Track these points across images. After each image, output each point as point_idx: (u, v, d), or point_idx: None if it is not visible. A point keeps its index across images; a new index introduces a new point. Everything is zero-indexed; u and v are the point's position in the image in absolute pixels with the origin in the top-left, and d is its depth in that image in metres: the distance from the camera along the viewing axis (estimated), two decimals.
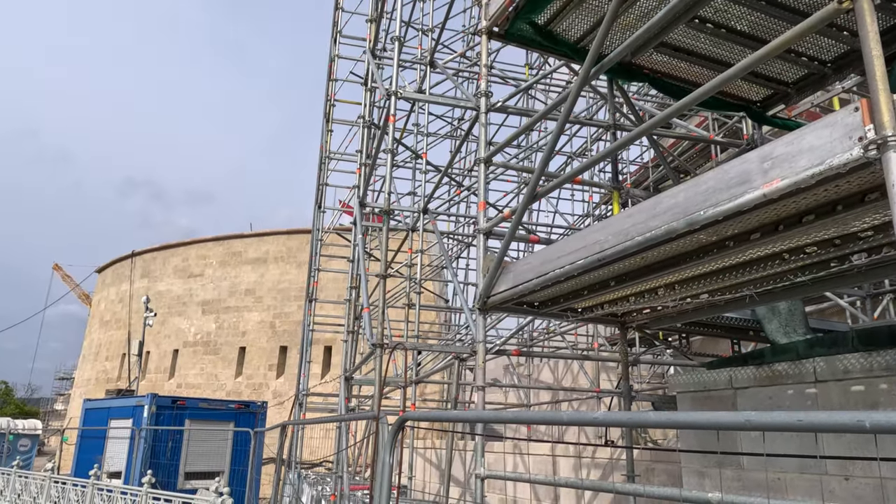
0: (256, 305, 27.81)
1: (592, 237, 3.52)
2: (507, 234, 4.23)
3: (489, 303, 4.54)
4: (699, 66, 5.72)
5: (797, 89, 6.04)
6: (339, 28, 14.85)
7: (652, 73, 5.85)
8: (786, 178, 2.40)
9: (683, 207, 2.91)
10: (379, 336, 5.68)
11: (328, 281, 20.43)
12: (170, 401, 13.91)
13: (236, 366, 27.50)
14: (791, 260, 3.39)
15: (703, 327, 5.42)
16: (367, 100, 10.39)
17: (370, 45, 9.20)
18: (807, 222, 2.83)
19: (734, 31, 5.28)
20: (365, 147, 10.03)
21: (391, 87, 6.40)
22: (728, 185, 2.67)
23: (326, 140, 15.30)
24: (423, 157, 9.79)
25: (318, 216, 15.45)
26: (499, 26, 5.13)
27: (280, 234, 28.74)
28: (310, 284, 15.42)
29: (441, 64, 8.70)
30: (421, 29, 11.75)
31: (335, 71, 14.91)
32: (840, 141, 2.24)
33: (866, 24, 2.18)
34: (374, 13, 9.74)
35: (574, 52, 5.46)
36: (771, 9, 4.95)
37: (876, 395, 3.47)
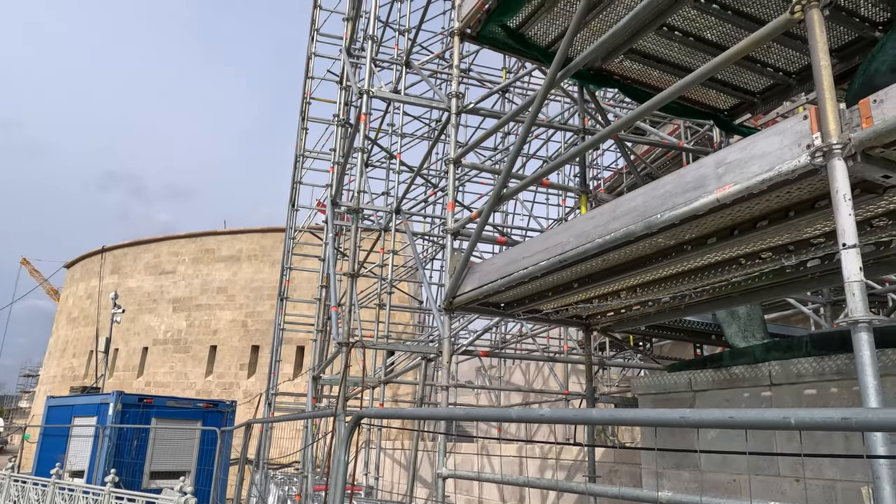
0: (229, 304, 27.50)
1: (555, 239, 3.55)
2: (474, 234, 4.25)
3: (455, 303, 4.56)
4: (670, 75, 5.81)
5: (763, 99, 6.17)
6: (317, 26, 14.78)
7: (623, 79, 5.92)
8: (738, 184, 2.45)
9: (642, 210, 2.95)
10: (345, 335, 5.67)
11: (302, 280, 20.29)
12: (136, 399, 13.69)
13: (207, 364, 27.17)
14: (747, 265, 3.46)
15: (666, 331, 5.50)
16: (342, 98, 10.35)
17: (346, 44, 9.17)
18: (761, 227, 2.89)
19: (704, 40, 5.38)
20: (339, 146, 9.99)
21: (364, 86, 6.40)
22: (684, 189, 2.72)
23: (302, 138, 15.21)
24: (396, 157, 9.78)
25: (292, 215, 15.35)
26: (471, 28, 5.16)
27: (254, 233, 28.47)
28: (282, 283, 15.30)
29: (417, 65, 8.70)
30: (398, 29, 11.75)
31: (312, 69, 14.84)
32: (789, 148, 2.29)
33: (815, 34, 2.24)
34: (351, 12, 9.71)
35: (545, 56, 5.51)
36: (739, 19, 5.05)
37: (827, 398, 3.56)
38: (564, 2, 4.96)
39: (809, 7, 2.25)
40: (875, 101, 2.09)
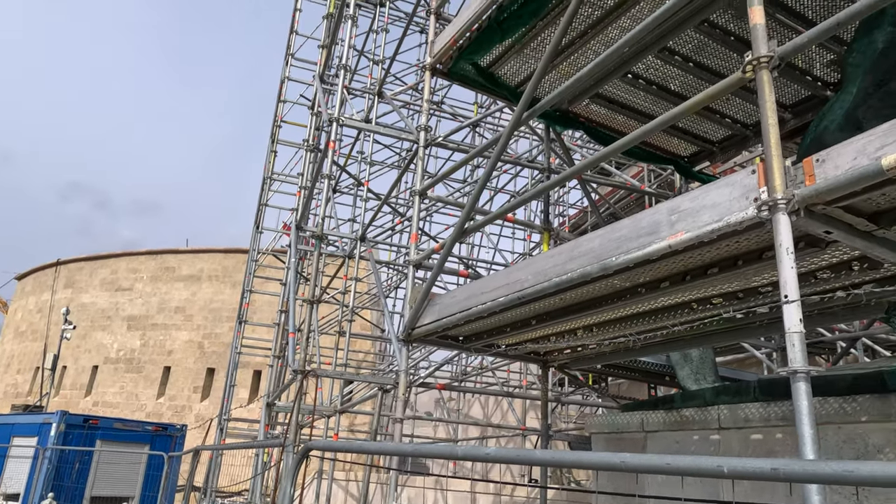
0: (186, 324, 26.86)
1: (515, 275, 3.59)
2: (436, 267, 4.27)
3: (414, 334, 4.54)
4: (634, 120, 5.99)
5: (721, 148, 6.39)
6: (293, 51, 14.85)
7: (588, 121, 6.08)
8: (689, 232, 2.53)
9: (598, 252, 3.01)
10: (301, 363, 5.59)
11: (263, 303, 19.98)
12: (81, 419, 13.18)
13: (159, 386, 26.38)
14: (699, 309, 3.55)
15: (621, 370, 5.57)
16: (313, 124, 10.37)
17: (320, 71, 9.23)
18: (711, 274, 2.97)
19: (667, 89, 5.57)
20: (307, 171, 9.97)
21: (335, 114, 6.43)
22: (639, 234, 2.79)
23: (271, 160, 15.14)
24: (364, 185, 9.81)
25: (256, 236, 15.18)
26: (442, 64, 5.25)
27: (217, 252, 28.02)
28: (242, 306, 15.05)
29: (390, 95, 8.79)
30: (372, 59, 11.88)
31: (285, 92, 14.86)
32: (738, 200, 2.38)
33: (765, 94, 2.35)
34: (326, 40, 9.79)
35: (513, 95, 5.63)
36: (700, 71, 5.25)
37: (772, 443, 3.63)
38: (534, 45, 5.10)
39: (760, 68, 2.36)
40: (818, 161, 2.19)
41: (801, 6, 4.58)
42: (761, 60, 2.37)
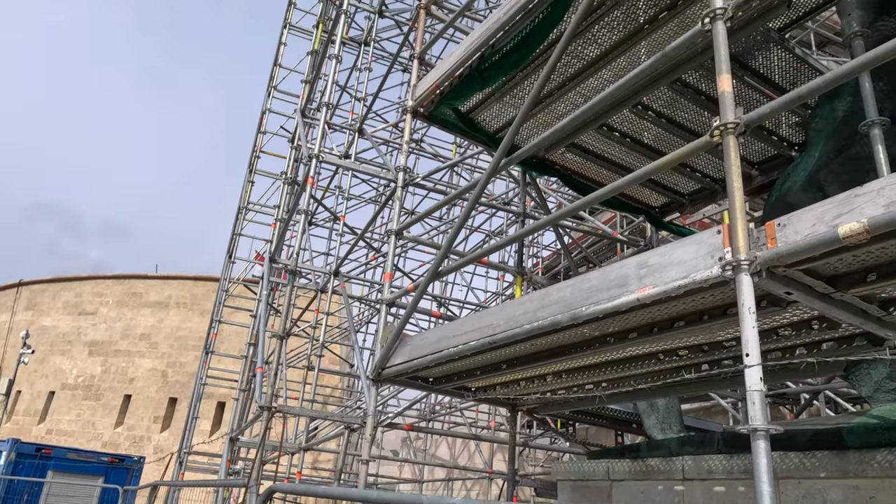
0: (150, 352, 26.24)
1: (486, 320, 3.63)
2: (408, 307, 4.29)
3: (384, 374, 4.53)
4: (608, 170, 6.15)
5: (691, 200, 6.58)
6: (275, 83, 14.97)
7: (564, 169, 6.22)
8: (657, 287, 2.60)
9: (569, 302, 3.07)
10: (268, 399, 5.51)
11: (231, 333, 19.65)
12: (33, 448, 12.71)
13: (118, 415, 25.58)
14: (665, 360, 3.61)
15: (589, 416, 5.59)
16: (292, 157, 10.42)
17: (302, 105, 9.32)
18: (678, 328, 3.04)
19: (640, 142, 5.74)
20: (283, 203, 9.97)
21: (315, 150, 6.49)
22: (608, 286, 2.86)
23: (247, 190, 15.10)
24: (341, 219, 9.83)
25: (228, 265, 15.03)
26: (424, 108, 5.36)
27: (186, 280, 27.58)
28: (209, 335, 14.79)
29: (370, 132, 8.90)
30: (355, 95, 12.04)
31: (265, 123, 14.92)
32: (704, 258, 2.46)
33: (730, 158, 2.45)
34: (309, 75, 9.92)
35: (491, 140, 5.76)
36: (672, 127, 5.43)
37: (734, 496, 3.67)
38: (513, 94, 5.24)
39: (726, 133, 2.48)
40: (779, 225, 2.29)
41: (769, 71, 4.80)
42: (728, 126, 2.48)
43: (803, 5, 4.68)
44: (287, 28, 14.91)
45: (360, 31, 12.82)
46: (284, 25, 15.09)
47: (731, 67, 4.67)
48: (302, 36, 15.23)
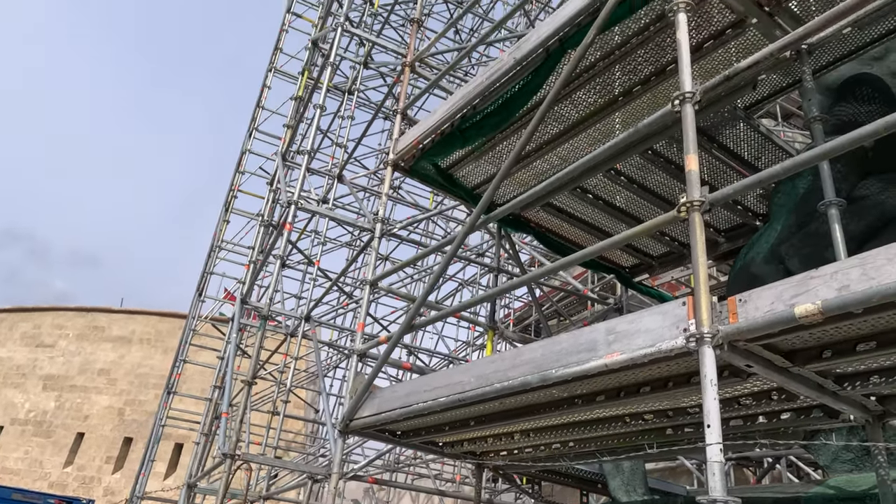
0: (108, 388, 25.43)
1: (457, 377, 3.66)
2: (380, 359, 4.31)
3: (351, 426, 4.50)
4: (582, 230, 6.31)
5: (660, 263, 6.76)
6: (257, 124, 15.10)
7: (538, 227, 6.37)
8: (624, 353, 2.68)
9: (539, 363, 3.13)
10: (232, 446, 5.40)
11: (195, 373, 19.20)
12: None
13: (69, 453, 24.56)
14: (631, 424, 3.67)
15: (556, 475, 5.59)
16: (270, 198, 10.46)
17: (283, 149, 9.42)
18: (643, 393, 3.12)
19: (612, 205, 5.93)
20: (258, 244, 9.96)
21: (293, 196, 6.55)
22: (578, 350, 2.93)
23: (222, 228, 15.03)
24: (315, 264, 9.83)
25: (197, 303, 14.82)
26: (404, 162, 5.48)
27: (152, 315, 27.01)
28: (172, 374, 14.45)
29: (349, 179, 9.01)
30: (336, 142, 12.20)
31: (244, 163, 14.98)
32: (669, 328, 2.56)
33: (696, 234, 2.58)
34: (292, 120, 10.06)
35: (470, 196, 5.89)
36: (643, 192, 5.63)
37: None
38: (492, 153, 5.41)
39: (692, 210, 2.61)
40: (740, 301, 2.40)
41: (736, 146, 5.04)
42: (694, 204, 2.61)
43: (768, 87, 4.97)
44: (272, 71, 15.15)
45: (345, 79, 13.10)
46: (270, 69, 15.34)
47: (701, 141, 4.91)
48: (286, 80, 15.49)
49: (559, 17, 4.08)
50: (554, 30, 4.10)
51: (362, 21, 12.12)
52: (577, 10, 3.91)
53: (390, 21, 12.94)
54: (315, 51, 11.07)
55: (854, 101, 4.18)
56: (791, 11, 3.92)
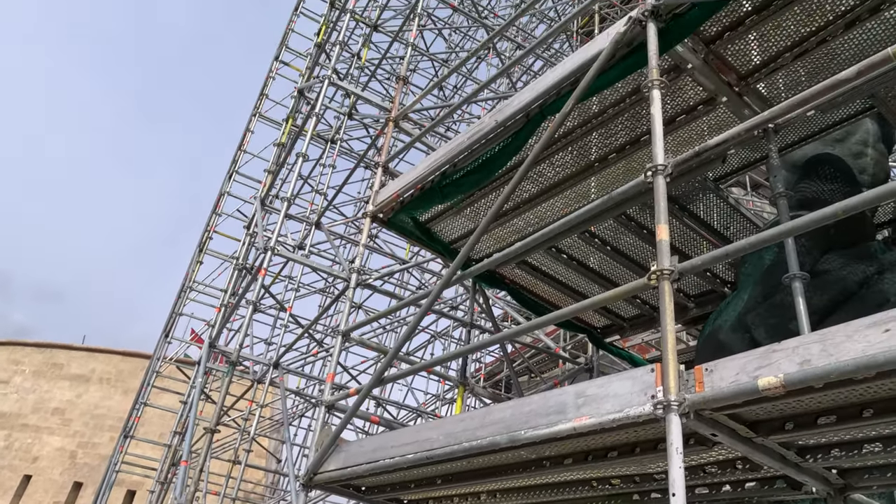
0: (61, 429, 24.43)
1: (425, 434, 3.63)
2: (348, 412, 4.25)
3: (315, 479, 4.40)
4: (554, 288, 6.39)
5: (631, 325, 6.84)
6: (238, 167, 15.15)
7: (513, 284, 6.43)
8: (593, 418, 2.70)
9: (508, 424, 3.13)
10: (189, 496, 5.20)
11: (154, 416, 18.61)
12: None
13: (13, 497, 23.35)
14: (598, 488, 3.66)
15: None
16: (246, 242, 10.42)
17: (262, 194, 9.45)
18: (611, 458, 3.13)
19: (586, 266, 6.03)
20: (231, 287, 9.86)
21: (270, 241, 6.55)
22: (547, 412, 2.94)
23: (195, 269, 14.85)
24: (287, 310, 9.75)
25: (163, 345, 14.49)
26: (384, 214, 5.55)
27: (114, 354, 26.26)
28: (131, 417, 13.99)
29: (327, 227, 9.04)
30: (316, 188, 12.27)
31: (222, 205, 14.94)
32: (637, 395, 2.60)
33: (665, 302, 2.65)
34: (273, 166, 10.13)
35: (446, 251, 5.96)
36: (616, 255, 5.75)
37: None
38: (470, 210, 5.50)
39: (662, 279, 2.69)
40: (707, 370, 2.45)
41: (706, 215, 5.21)
42: (664, 272, 2.69)
43: (738, 160, 5.18)
44: (256, 116, 15.30)
45: (329, 128, 13.28)
46: (254, 113, 15.49)
47: (672, 209, 5.06)
48: (269, 125, 15.64)
49: (540, 84, 4.24)
50: (535, 96, 4.25)
51: (349, 73, 12.40)
52: (558, 79, 4.07)
53: (376, 74, 13.25)
54: (301, 99, 11.25)
55: (817, 178, 4.38)
56: (758, 92, 4.13)
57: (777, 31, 3.70)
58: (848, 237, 4.35)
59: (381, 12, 11.94)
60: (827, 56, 3.90)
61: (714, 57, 3.90)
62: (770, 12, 3.61)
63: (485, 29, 12.10)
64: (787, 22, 3.66)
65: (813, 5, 3.55)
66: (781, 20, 3.64)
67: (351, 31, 12.84)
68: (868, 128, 4.58)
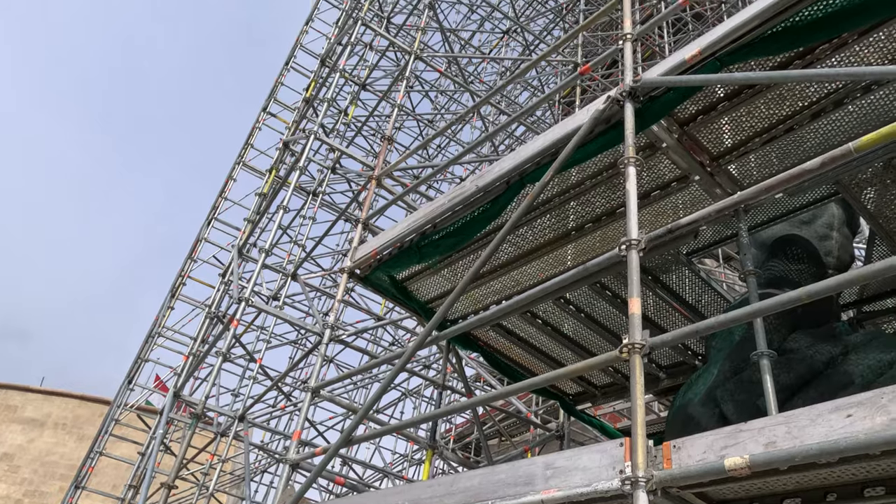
0: (8, 476, 23.26)
1: (391, 500, 3.55)
2: (311, 474, 4.15)
3: None
4: (528, 353, 6.39)
5: (603, 393, 6.84)
6: (217, 213, 15.11)
7: (487, 346, 6.42)
8: (561, 490, 2.68)
9: (476, 492, 3.08)
10: None
11: (109, 466, 17.83)
12: None
13: None
14: None
15: None
16: (221, 290, 10.31)
17: (240, 243, 9.42)
18: None
19: (560, 331, 6.06)
20: (201, 335, 9.68)
21: (245, 292, 6.50)
22: (516, 482, 2.91)
23: (165, 314, 14.57)
24: (257, 362, 9.58)
25: (124, 390, 14.04)
26: (361, 270, 5.56)
27: (72, 398, 25.32)
28: (84, 466, 13.41)
29: (302, 279, 9.00)
30: (295, 239, 12.26)
31: (199, 251, 14.82)
32: (605, 469, 2.59)
33: (635, 376, 2.68)
34: (254, 214, 10.13)
35: (422, 310, 5.96)
36: (590, 322, 5.79)
37: None
38: (447, 271, 5.54)
39: (633, 352, 2.72)
40: (675, 447, 2.46)
41: (678, 288, 5.31)
42: (635, 346, 2.73)
43: (710, 235, 5.33)
44: (240, 164, 15.39)
45: (311, 180, 13.39)
46: (238, 161, 15.58)
47: (646, 280, 5.15)
48: (252, 174, 15.71)
49: (522, 153, 4.37)
50: (516, 164, 4.37)
51: (335, 128, 12.61)
52: (539, 150, 4.21)
53: (362, 130, 13.50)
54: (285, 151, 11.38)
55: (785, 259, 4.51)
56: (729, 173, 4.30)
57: (748, 118, 3.88)
58: (815, 316, 4.45)
59: (370, 72, 12.28)
60: (795, 142, 4.09)
61: (688, 138, 4.07)
62: (741, 99, 3.80)
63: (470, 93, 12.47)
64: (758, 109, 3.85)
65: (781, 95, 3.75)
66: (752, 107, 3.83)
67: (340, 87, 13.14)
68: (834, 212, 4.76)
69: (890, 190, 4.14)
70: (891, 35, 3.30)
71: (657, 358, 6.24)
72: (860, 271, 2.39)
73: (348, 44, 9.47)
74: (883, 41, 3.37)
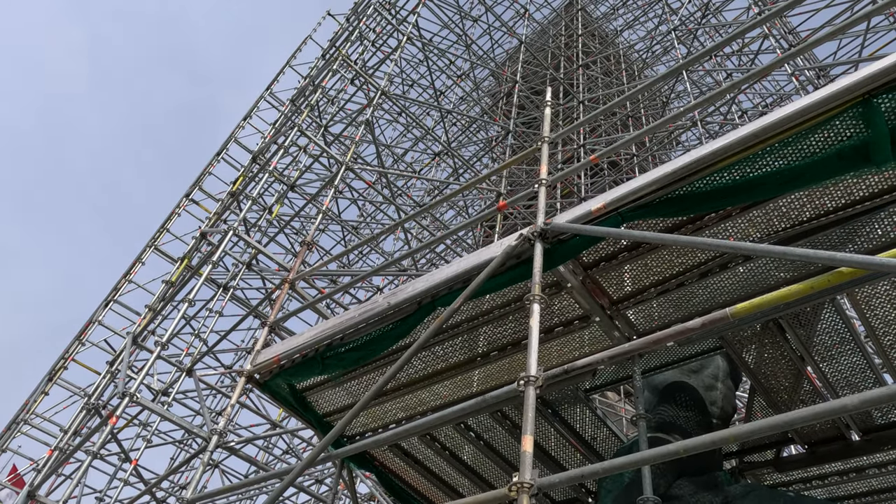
0: None
1: None
2: None
3: None
4: (424, 477, 6.19)
5: None
6: (118, 295, 14.35)
7: (382, 467, 6.20)
8: None
9: None
10: None
11: None
12: None
13: None
14: None
15: None
16: (106, 378, 9.59)
17: (136, 330, 8.93)
18: None
19: (458, 458, 5.96)
20: (74, 426, 8.86)
21: (131, 386, 6.08)
22: None
23: (37, 399, 13.29)
24: (132, 463, 8.79)
25: None
26: (261, 376, 5.36)
27: None
28: None
29: (198, 375, 8.55)
30: (198, 332, 11.75)
31: (90, 332, 13.86)
32: None
33: None
34: (157, 302, 9.71)
35: (319, 423, 5.74)
36: (488, 451, 5.75)
37: None
38: (349, 385, 5.43)
39: (522, 491, 2.72)
40: None
41: (576, 423, 5.40)
42: (524, 485, 2.73)
43: (608, 374, 5.53)
44: (152, 248, 14.88)
45: (225, 273, 13.07)
46: (150, 245, 15.07)
47: (545, 413, 5.22)
48: (163, 259, 15.18)
49: (435, 277, 4.49)
50: (428, 287, 4.47)
51: (258, 224, 12.53)
52: (452, 276, 4.34)
53: (285, 229, 13.48)
54: (202, 241, 11.14)
55: (674, 404, 4.72)
56: (627, 318, 4.55)
57: (644, 270, 4.19)
58: (700, 462, 4.62)
59: (300, 174, 12.48)
60: (686, 296, 4.42)
61: (591, 281, 4.32)
62: (639, 252, 4.11)
63: (395, 207, 12.82)
64: (654, 263, 4.16)
65: (674, 253, 4.09)
66: (648, 261, 4.14)
67: (268, 184, 13.21)
68: (719, 364, 5.08)
69: (767, 349, 4.49)
70: (766, 214, 3.73)
71: (552, 493, 6.20)
72: (735, 430, 2.55)
73: (282, 146, 9.66)
74: (760, 217, 3.80)
